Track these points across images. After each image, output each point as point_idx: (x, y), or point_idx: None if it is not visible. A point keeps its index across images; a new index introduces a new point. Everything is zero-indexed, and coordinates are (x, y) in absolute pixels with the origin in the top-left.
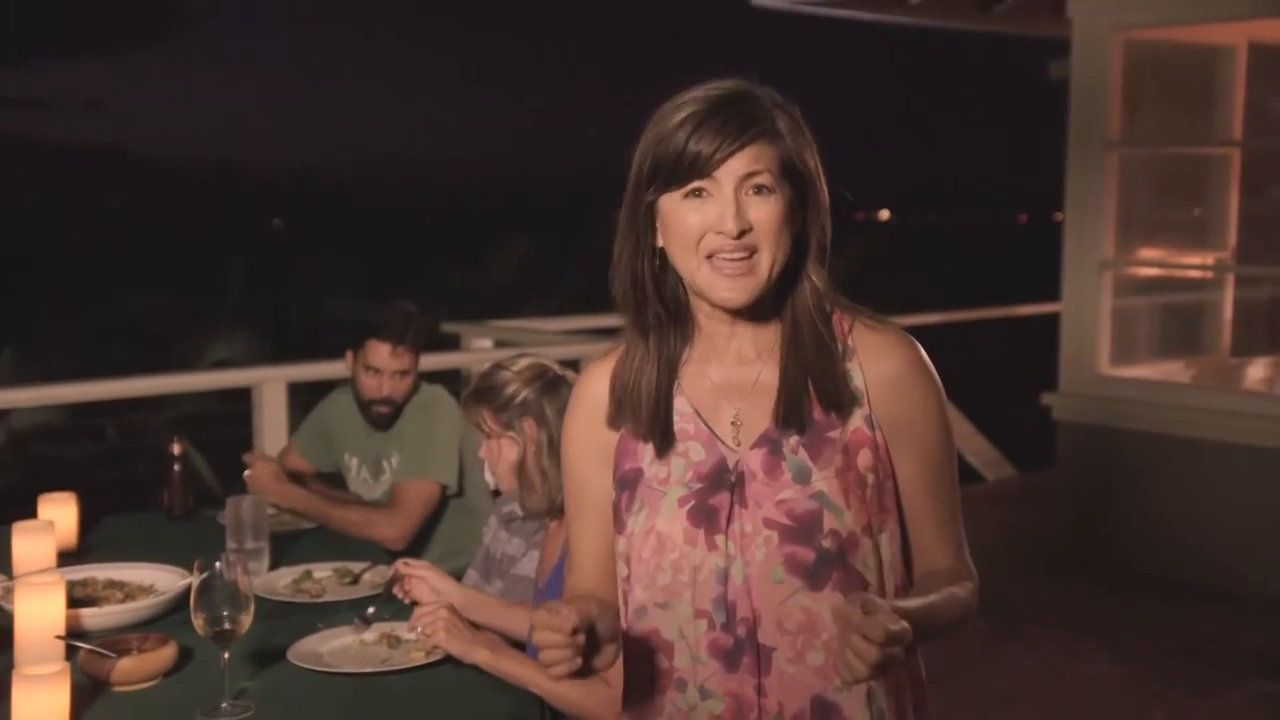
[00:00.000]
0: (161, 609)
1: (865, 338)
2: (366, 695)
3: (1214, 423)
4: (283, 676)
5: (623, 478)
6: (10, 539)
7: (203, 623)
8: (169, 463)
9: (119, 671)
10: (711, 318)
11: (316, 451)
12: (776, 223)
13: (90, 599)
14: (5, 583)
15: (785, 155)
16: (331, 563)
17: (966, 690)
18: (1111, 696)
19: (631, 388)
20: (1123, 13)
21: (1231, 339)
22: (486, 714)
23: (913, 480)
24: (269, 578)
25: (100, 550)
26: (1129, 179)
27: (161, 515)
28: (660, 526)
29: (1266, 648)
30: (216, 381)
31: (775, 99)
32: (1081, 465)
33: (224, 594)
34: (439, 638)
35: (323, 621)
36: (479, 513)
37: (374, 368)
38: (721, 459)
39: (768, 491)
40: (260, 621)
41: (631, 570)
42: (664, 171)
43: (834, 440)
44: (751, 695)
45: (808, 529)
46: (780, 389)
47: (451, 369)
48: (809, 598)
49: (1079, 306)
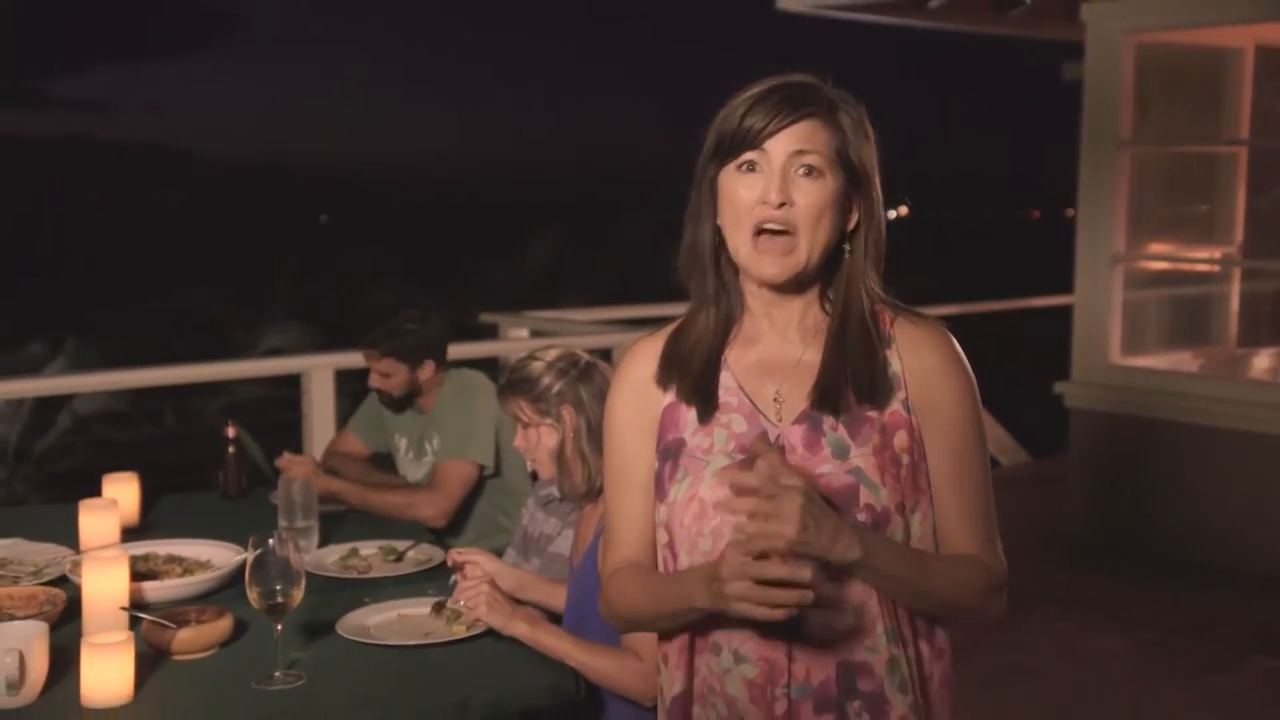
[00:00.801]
0: (218, 583)
1: (906, 330)
2: (410, 666)
3: (1221, 410)
4: (331, 648)
5: (666, 448)
6: (77, 516)
7: (257, 596)
8: (224, 445)
9: (179, 641)
10: (758, 298)
11: (371, 433)
12: (819, 206)
13: (151, 573)
14: (73, 557)
15: (841, 146)
16: (377, 541)
17: (981, 666)
18: (1121, 673)
19: (686, 352)
20: (1134, 17)
21: (1238, 330)
22: (525, 685)
23: (941, 469)
24: (318, 554)
25: (160, 527)
26: (1139, 176)
27: (217, 495)
28: (703, 494)
29: (1271, 625)
30: (268, 369)
31: (842, 95)
32: (1093, 451)
33: (277, 569)
34: (480, 611)
35: (369, 596)
36: (516, 493)
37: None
38: (763, 432)
39: (807, 465)
40: (310, 596)
41: (673, 536)
42: (724, 144)
43: (872, 420)
44: (783, 660)
45: (844, 503)
46: (819, 373)
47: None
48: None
49: (1091, 299)
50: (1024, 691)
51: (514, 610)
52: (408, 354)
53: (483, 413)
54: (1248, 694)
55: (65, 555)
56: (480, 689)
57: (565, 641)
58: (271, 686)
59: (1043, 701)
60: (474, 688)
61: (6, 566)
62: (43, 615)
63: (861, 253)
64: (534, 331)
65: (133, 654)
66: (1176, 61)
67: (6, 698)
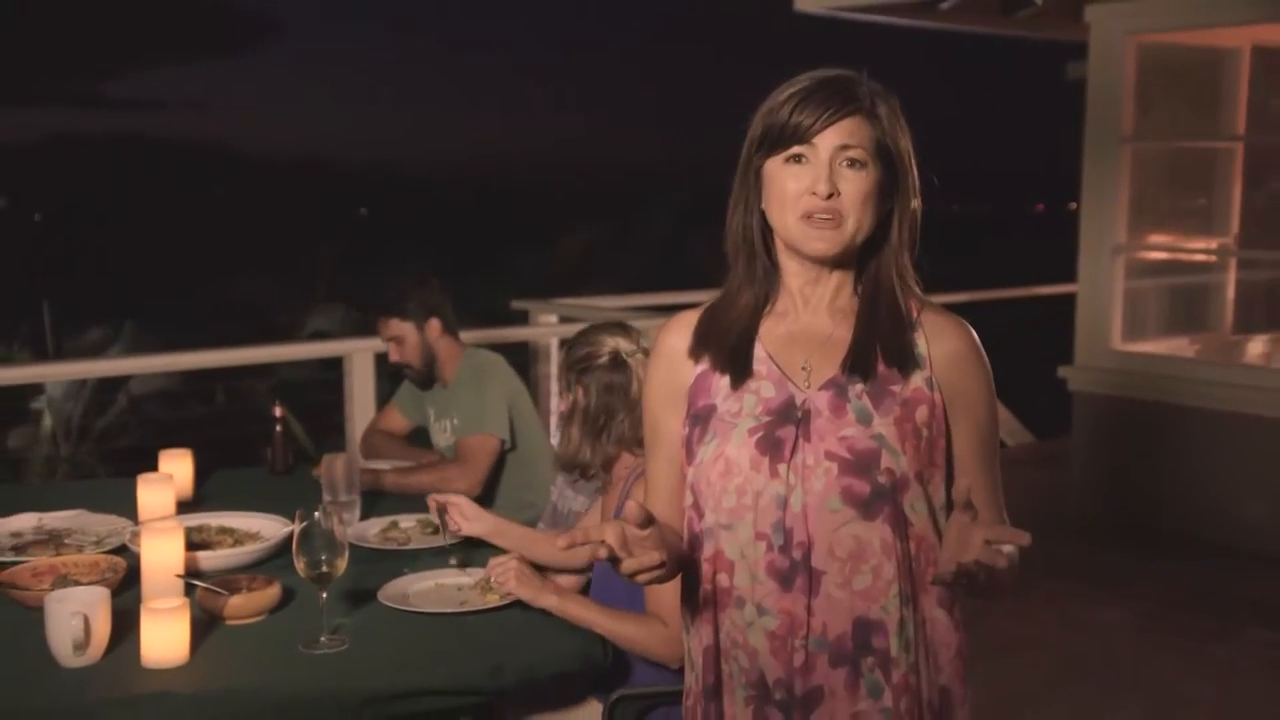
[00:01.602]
0: (267, 553)
1: (932, 319)
2: (447, 632)
3: (1217, 394)
4: (373, 615)
5: (696, 414)
6: (136, 490)
7: (303, 566)
8: (271, 424)
9: (231, 607)
10: (798, 275)
11: (412, 407)
12: (864, 194)
13: (204, 543)
14: (132, 528)
15: (881, 137)
16: (415, 514)
17: (986, 636)
18: (1122, 643)
19: (724, 327)
20: (1136, 18)
21: (1233, 317)
22: (555, 651)
23: (963, 448)
24: (360, 527)
25: (212, 500)
26: (1140, 170)
27: (265, 470)
28: (729, 452)
29: (1264, 598)
30: (312, 351)
31: (877, 88)
32: (1095, 432)
33: (322, 541)
34: (510, 585)
35: (408, 566)
36: (535, 464)
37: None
38: (791, 397)
39: (831, 428)
40: (353, 566)
41: (699, 495)
42: (770, 138)
43: (895, 393)
44: (802, 614)
45: (866, 464)
46: (852, 343)
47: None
48: (861, 527)
49: (1094, 287)
50: (1028, 660)
51: (542, 583)
52: (412, 312)
53: (495, 390)
54: (1243, 664)
55: (125, 526)
56: (513, 654)
57: (592, 610)
58: (317, 650)
59: (1046, 670)
60: (507, 653)
61: (71, 536)
62: (104, 582)
63: (896, 236)
64: (562, 318)
65: (188, 618)
66: (1176, 61)
67: (73, 658)
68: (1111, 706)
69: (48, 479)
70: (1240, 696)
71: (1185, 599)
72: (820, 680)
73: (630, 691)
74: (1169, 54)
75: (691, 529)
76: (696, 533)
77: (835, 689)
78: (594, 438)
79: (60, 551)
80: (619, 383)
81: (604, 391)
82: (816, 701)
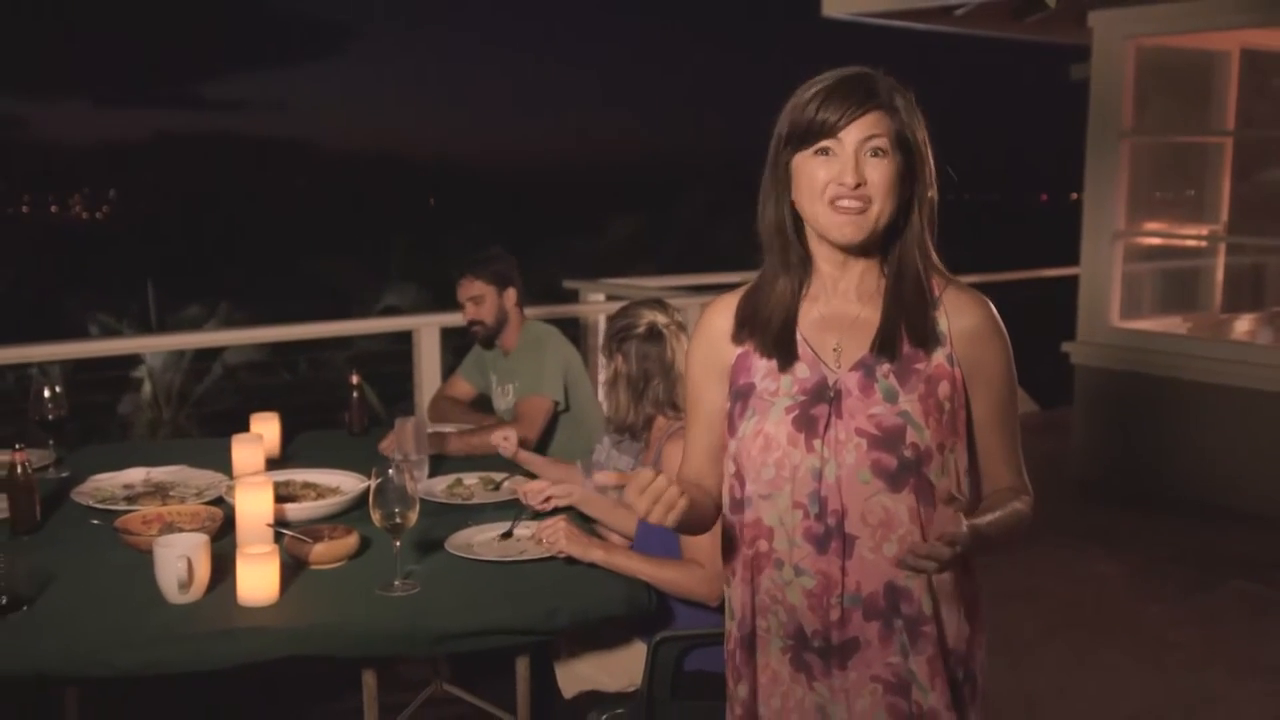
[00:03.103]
0: (346, 506)
1: (953, 296)
2: (507, 579)
3: (1207, 368)
4: (441, 562)
5: (738, 390)
6: (230, 448)
7: (379, 517)
8: (349, 391)
9: (315, 554)
10: (828, 261)
11: (476, 375)
12: (888, 182)
13: (291, 496)
14: (228, 482)
15: (900, 128)
16: (478, 472)
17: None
18: (1116, 593)
19: (764, 313)
20: (1135, 23)
21: (1222, 298)
22: (605, 596)
23: (983, 414)
24: (428, 483)
25: (297, 458)
26: (1138, 163)
27: (343, 432)
28: (768, 429)
29: (1246, 553)
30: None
31: (893, 83)
32: (1094, 402)
33: (395, 495)
34: (561, 544)
35: (472, 519)
36: (584, 424)
37: (460, 301)
38: (823, 378)
39: (861, 406)
40: (422, 518)
41: (740, 466)
42: (798, 134)
43: (919, 371)
44: (837, 574)
45: (893, 440)
46: (881, 323)
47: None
48: (889, 498)
49: (1095, 270)
50: (1030, 608)
51: (590, 540)
52: (496, 278)
53: (552, 358)
54: (1226, 612)
55: (221, 480)
56: (566, 599)
57: (636, 560)
58: (392, 593)
59: (1047, 616)
60: (561, 598)
61: (174, 489)
62: (204, 529)
63: (917, 219)
64: (609, 296)
65: (278, 563)
66: (1171, 62)
67: (178, 595)
68: (1104, 649)
69: (151, 439)
70: (1220, 641)
71: (1173, 553)
72: (856, 632)
73: (672, 634)
74: (1165, 56)
75: (733, 495)
76: (738, 499)
77: (870, 640)
78: (636, 400)
79: (166, 502)
80: (654, 352)
81: (641, 359)
82: (853, 650)
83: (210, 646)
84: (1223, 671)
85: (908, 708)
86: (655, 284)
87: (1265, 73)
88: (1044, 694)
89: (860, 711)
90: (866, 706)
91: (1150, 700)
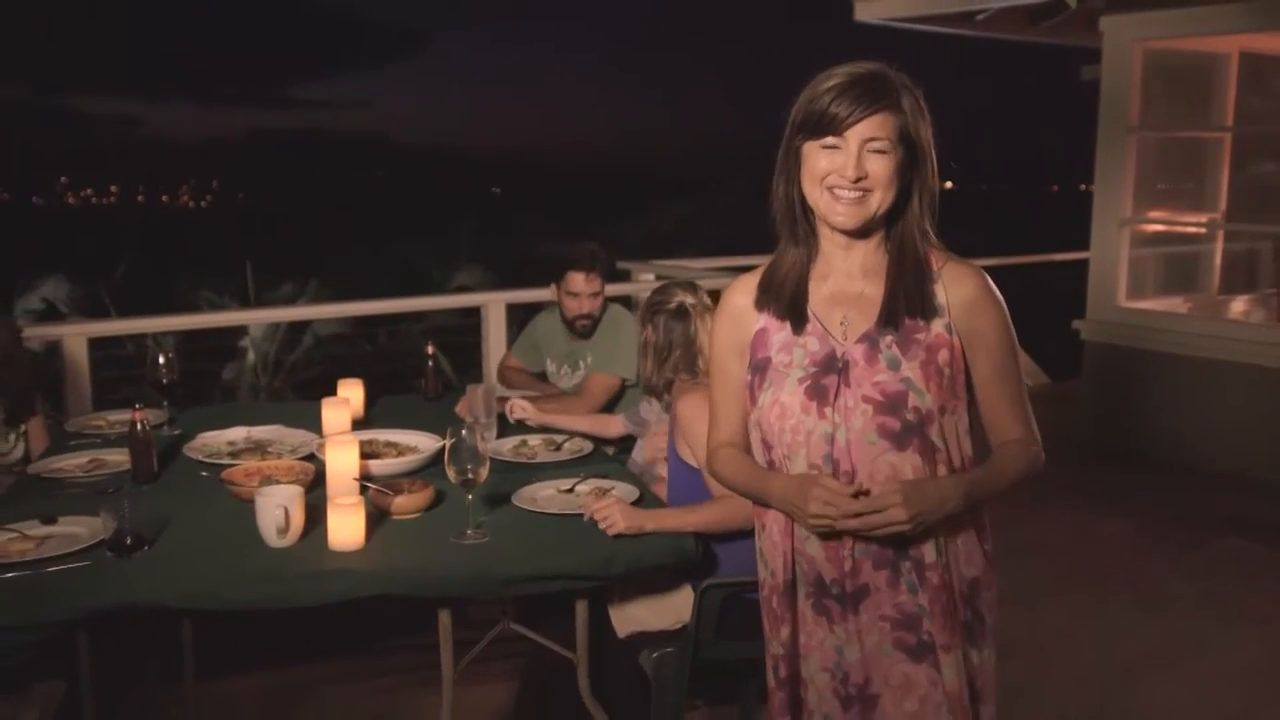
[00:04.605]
0: (424, 463)
1: (950, 269)
2: (568, 530)
3: (1205, 344)
4: (508, 514)
5: (756, 364)
6: (320, 410)
7: (453, 473)
8: (425, 360)
9: (396, 505)
10: (832, 241)
11: (528, 356)
12: (887, 176)
13: (374, 454)
14: (319, 440)
15: (904, 126)
16: (541, 434)
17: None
18: (1119, 548)
19: (780, 279)
20: (1143, 27)
21: (1219, 281)
22: (656, 546)
23: (985, 374)
24: (497, 444)
25: (379, 420)
26: (1144, 156)
27: (419, 397)
28: (784, 399)
29: (1238, 513)
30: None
31: (904, 81)
32: (1102, 374)
33: (468, 453)
34: (618, 525)
35: (535, 476)
36: None
37: (573, 293)
38: (832, 350)
39: (867, 375)
40: (492, 475)
41: (764, 431)
42: (810, 124)
43: (920, 341)
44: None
45: (896, 405)
46: (884, 298)
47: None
48: (894, 456)
49: (1103, 254)
50: (1041, 561)
51: (640, 515)
52: (605, 272)
53: (627, 338)
54: (1218, 566)
55: (313, 439)
56: (621, 549)
57: (678, 515)
58: (464, 541)
59: (1055, 569)
60: (616, 548)
61: (272, 445)
62: (299, 481)
63: (916, 203)
64: (658, 276)
65: (364, 513)
66: (1176, 64)
67: (277, 540)
68: (1108, 598)
69: (251, 402)
70: (1213, 592)
71: (1173, 513)
72: (866, 579)
73: (717, 581)
74: (1170, 58)
75: (764, 457)
76: (767, 461)
77: (879, 586)
78: (660, 366)
79: (265, 457)
80: (680, 327)
81: (668, 332)
82: (865, 595)
83: (304, 585)
84: (1215, 619)
85: (915, 640)
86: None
87: (1262, 73)
88: (1053, 638)
89: (871, 647)
90: (876, 642)
91: (1149, 644)
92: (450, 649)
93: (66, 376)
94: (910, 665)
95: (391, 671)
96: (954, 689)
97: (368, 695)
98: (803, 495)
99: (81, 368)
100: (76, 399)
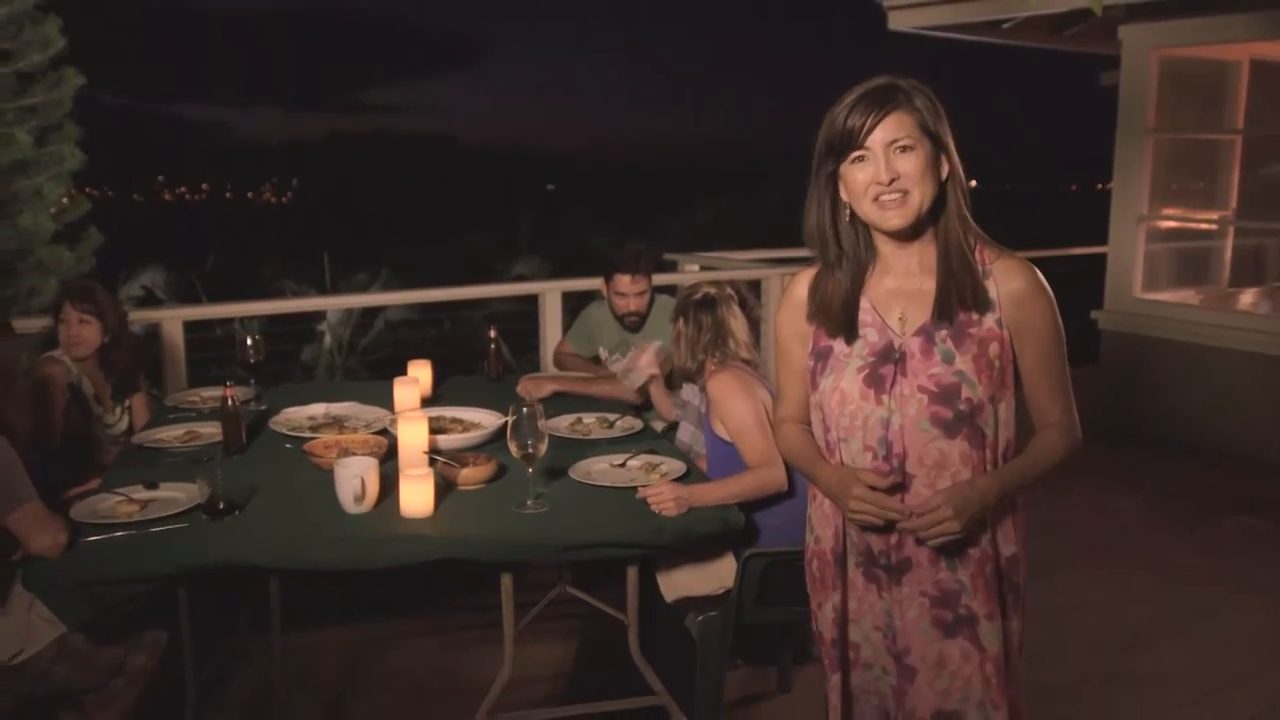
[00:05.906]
0: (488, 438)
1: (1000, 264)
2: (621, 502)
3: (1216, 334)
4: (565, 486)
5: (818, 352)
6: (392, 389)
7: (515, 448)
8: (487, 343)
9: (462, 477)
10: (887, 244)
11: (581, 344)
12: (920, 170)
13: (442, 429)
14: (391, 416)
15: (922, 121)
16: (595, 413)
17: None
18: (1133, 525)
19: (825, 301)
20: (1159, 36)
21: (1230, 274)
22: (702, 517)
23: (1032, 363)
24: (554, 421)
25: (446, 398)
26: (1159, 157)
27: (482, 378)
28: (843, 386)
29: (1247, 493)
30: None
31: (914, 84)
32: (1119, 361)
33: (528, 429)
34: (671, 511)
35: (590, 452)
36: None
37: (621, 293)
38: (890, 342)
39: (922, 366)
40: (550, 450)
41: (824, 414)
42: (835, 146)
43: (972, 335)
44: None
45: (949, 395)
46: (937, 293)
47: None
48: (944, 443)
49: (1121, 248)
50: (1060, 538)
51: (685, 494)
52: (651, 271)
53: None
54: (1226, 542)
55: (386, 415)
56: (670, 519)
57: (721, 488)
58: (525, 511)
59: (1074, 543)
60: (666, 518)
61: (348, 420)
62: (373, 454)
63: (954, 199)
64: (702, 266)
65: (432, 483)
66: (1190, 70)
67: (354, 507)
68: (1123, 572)
69: (329, 380)
70: (1222, 565)
71: (1184, 492)
72: (910, 553)
73: (758, 550)
74: (1185, 65)
75: (824, 438)
76: (826, 442)
77: (921, 561)
78: (691, 351)
79: (342, 431)
80: (706, 313)
81: (697, 321)
82: (908, 568)
83: (378, 549)
84: (1223, 590)
85: (952, 617)
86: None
87: (1272, 80)
88: (1072, 606)
89: (910, 619)
90: (914, 616)
91: (1161, 613)
92: (511, 609)
93: (164, 356)
94: (945, 642)
95: (456, 629)
96: (995, 653)
97: (434, 650)
98: (844, 490)
99: (178, 348)
100: (174, 377)
